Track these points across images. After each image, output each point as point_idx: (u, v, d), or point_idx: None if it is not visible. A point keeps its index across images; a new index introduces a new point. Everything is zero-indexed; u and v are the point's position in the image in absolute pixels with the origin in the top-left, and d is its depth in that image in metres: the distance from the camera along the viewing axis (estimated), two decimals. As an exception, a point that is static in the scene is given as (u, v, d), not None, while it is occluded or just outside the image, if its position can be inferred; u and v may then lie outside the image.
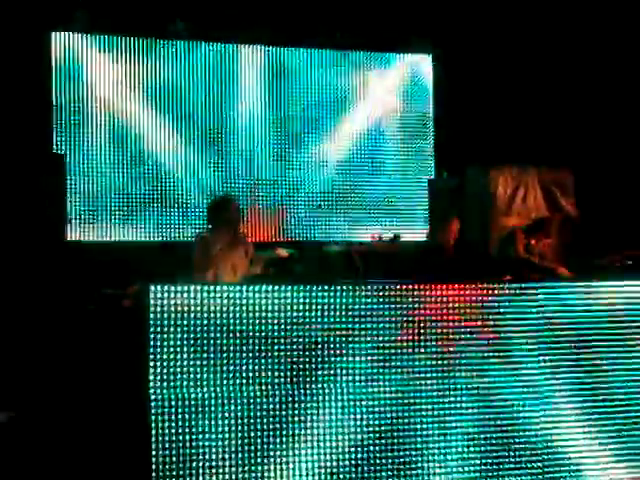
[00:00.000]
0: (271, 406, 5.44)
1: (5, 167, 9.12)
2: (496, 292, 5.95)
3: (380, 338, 5.65)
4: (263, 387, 5.42)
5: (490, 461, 5.85)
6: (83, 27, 10.27)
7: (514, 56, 10.96)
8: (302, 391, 5.51)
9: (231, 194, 9.20)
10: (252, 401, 5.42)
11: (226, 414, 5.37)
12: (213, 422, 5.35)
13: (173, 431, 5.26)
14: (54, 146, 10.20)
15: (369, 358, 5.63)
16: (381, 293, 5.68)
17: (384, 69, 11.57)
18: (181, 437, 5.26)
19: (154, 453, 5.20)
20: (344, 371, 5.58)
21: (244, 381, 5.39)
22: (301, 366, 5.51)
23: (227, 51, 10.97)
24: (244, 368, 5.38)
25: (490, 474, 5.85)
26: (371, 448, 5.62)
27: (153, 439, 5.21)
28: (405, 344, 5.71)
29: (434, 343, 5.76)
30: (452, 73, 11.40)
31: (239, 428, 5.38)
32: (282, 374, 5.45)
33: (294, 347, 5.47)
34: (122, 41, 10.51)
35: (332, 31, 11.13)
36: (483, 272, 7.76)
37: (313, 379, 5.54)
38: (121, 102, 10.52)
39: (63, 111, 10.30)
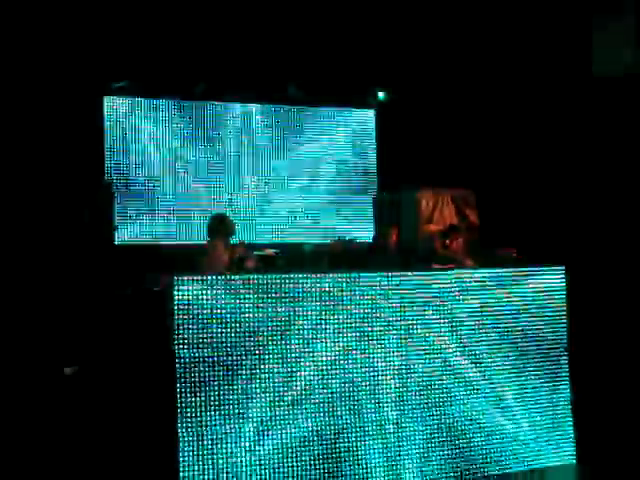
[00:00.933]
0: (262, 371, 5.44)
1: (71, 191, 9.28)
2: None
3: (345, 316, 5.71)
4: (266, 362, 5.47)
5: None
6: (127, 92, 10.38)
7: (434, 109, 10.95)
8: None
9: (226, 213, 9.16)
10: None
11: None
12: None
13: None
14: (106, 175, 10.22)
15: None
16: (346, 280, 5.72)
17: (340, 116, 11.57)
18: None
19: (179, 397, 5.19)
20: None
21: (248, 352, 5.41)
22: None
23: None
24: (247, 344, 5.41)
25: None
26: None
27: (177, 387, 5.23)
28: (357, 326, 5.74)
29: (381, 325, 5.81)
30: (389, 120, 11.44)
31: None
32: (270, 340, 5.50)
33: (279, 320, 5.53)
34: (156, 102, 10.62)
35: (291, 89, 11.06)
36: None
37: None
38: (157, 145, 10.63)
39: (114, 153, 10.34)
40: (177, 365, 5.25)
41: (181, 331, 5.27)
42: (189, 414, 5.25)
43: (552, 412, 6.38)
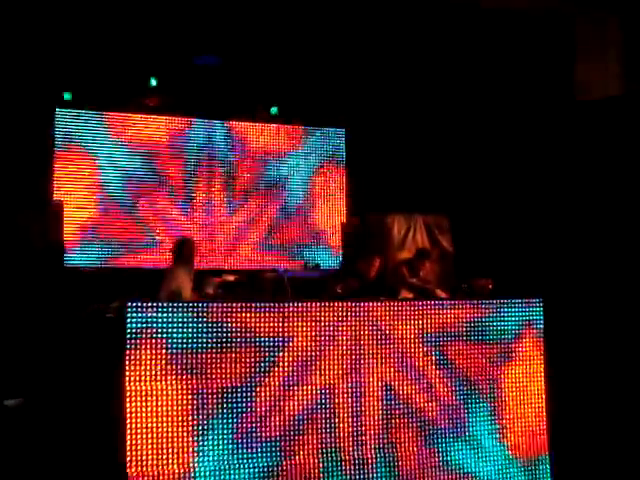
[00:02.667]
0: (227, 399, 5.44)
1: (14, 212, 9.12)
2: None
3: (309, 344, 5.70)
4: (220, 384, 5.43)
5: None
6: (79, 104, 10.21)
7: (405, 135, 10.98)
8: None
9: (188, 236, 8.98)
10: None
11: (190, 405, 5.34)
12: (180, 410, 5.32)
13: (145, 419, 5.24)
14: (54, 194, 9.99)
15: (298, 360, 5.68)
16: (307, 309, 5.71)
17: (308, 139, 11.46)
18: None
19: (128, 437, 5.17)
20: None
21: (204, 377, 5.38)
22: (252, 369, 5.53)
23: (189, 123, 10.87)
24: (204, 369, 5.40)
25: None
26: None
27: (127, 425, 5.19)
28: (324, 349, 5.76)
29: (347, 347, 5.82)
30: (358, 146, 11.44)
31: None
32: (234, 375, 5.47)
33: (242, 352, 5.50)
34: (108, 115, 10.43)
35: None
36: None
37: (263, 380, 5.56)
38: (108, 159, 10.40)
39: (62, 168, 10.10)
40: (128, 398, 5.17)
41: (133, 361, 5.16)
42: (140, 453, 5.15)
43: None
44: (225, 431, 5.41)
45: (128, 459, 5.15)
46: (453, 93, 10.73)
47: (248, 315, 5.55)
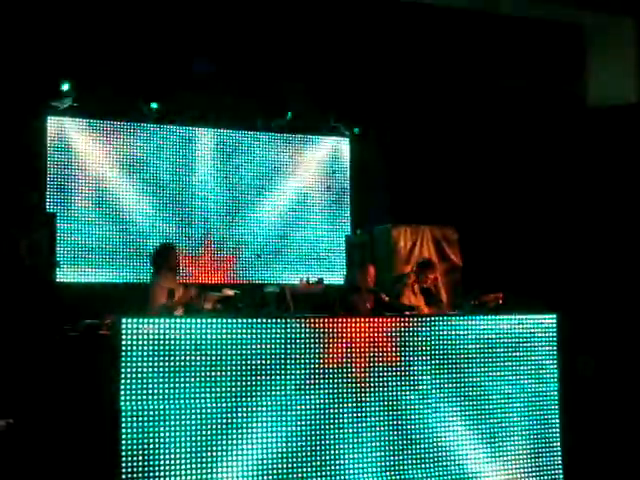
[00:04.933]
0: (219, 417, 5.43)
1: (6, 223, 9.12)
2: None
3: (307, 363, 5.71)
4: (213, 402, 5.43)
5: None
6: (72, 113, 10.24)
7: (412, 144, 10.90)
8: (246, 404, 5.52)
9: (172, 243, 8.90)
10: (204, 412, 5.42)
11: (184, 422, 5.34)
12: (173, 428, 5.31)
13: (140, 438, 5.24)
14: (47, 206, 9.99)
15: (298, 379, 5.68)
16: (310, 325, 5.73)
17: (312, 148, 11.47)
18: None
19: (123, 454, 5.19)
20: (278, 390, 5.62)
21: (198, 396, 5.38)
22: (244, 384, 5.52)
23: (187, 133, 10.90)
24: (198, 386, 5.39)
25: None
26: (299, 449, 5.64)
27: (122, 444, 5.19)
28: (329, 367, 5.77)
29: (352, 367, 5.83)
30: (364, 156, 11.47)
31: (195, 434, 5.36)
32: (229, 391, 5.48)
33: (239, 369, 5.50)
34: (102, 123, 10.42)
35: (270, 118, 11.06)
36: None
37: (254, 395, 5.56)
38: (101, 171, 10.37)
39: (55, 180, 10.10)
40: (122, 418, 5.18)
41: (127, 379, 5.16)
42: (135, 472, 5.16)
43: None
44: (224, 449, 5.38)
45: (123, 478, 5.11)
46: (462, 103, 10.70)
47: (248, 330, 5.54)
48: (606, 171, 9.93)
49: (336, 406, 5.83)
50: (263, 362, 5.61)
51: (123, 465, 5.17)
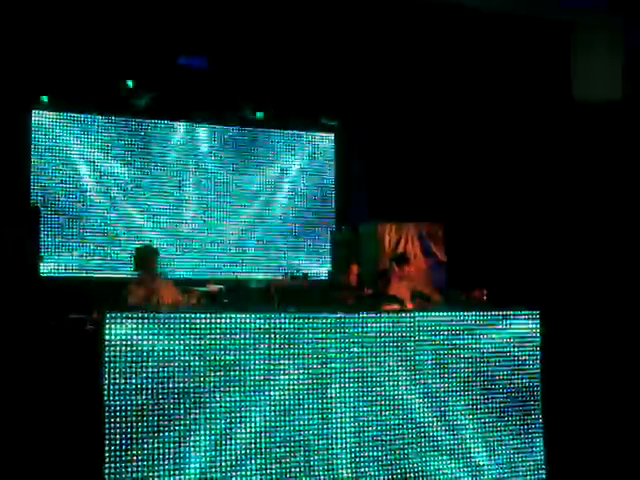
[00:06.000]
0: (202, 410, 5.40)
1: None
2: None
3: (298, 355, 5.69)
4: (196, 395, 5.41)
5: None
6: (56, 107, 10.23)
7: (398, 141, 10.95)
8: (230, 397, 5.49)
9: (151, 244, 8.73)
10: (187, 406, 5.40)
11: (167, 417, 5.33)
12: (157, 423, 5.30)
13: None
14: (31, 200, 9.99)
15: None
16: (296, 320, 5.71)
17: (297, 144, 11.50)
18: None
19: (107, 449, 5.16)
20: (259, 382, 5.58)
21: (181, 390, 5.36)
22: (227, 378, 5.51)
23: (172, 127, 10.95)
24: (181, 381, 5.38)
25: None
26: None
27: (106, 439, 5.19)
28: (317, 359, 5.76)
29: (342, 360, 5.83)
30: (349, 152, 11.54)
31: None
32: (212, 385, 5.45)
33: (222, 361, 5.49)
34: (89, 118, 10.46)
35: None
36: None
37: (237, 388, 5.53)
38: (87, 165, 10.42)
39: (39, 173, 10.13)
40: (106, 413, 5.16)
41: (111, 375, 5.19)
42: (117, 468, 5.13)
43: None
44: (210, 443, 5.41)
45: (106, 473, 5.14)
46: (448, 99, 10.72)
47: (233, 326, 5.56)
48: (592, 167, 9.97)
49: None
50: (245, 356, 5.58)
51: (107, 460, 5.14)
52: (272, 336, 5.63)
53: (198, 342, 5.44)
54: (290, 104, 10.94)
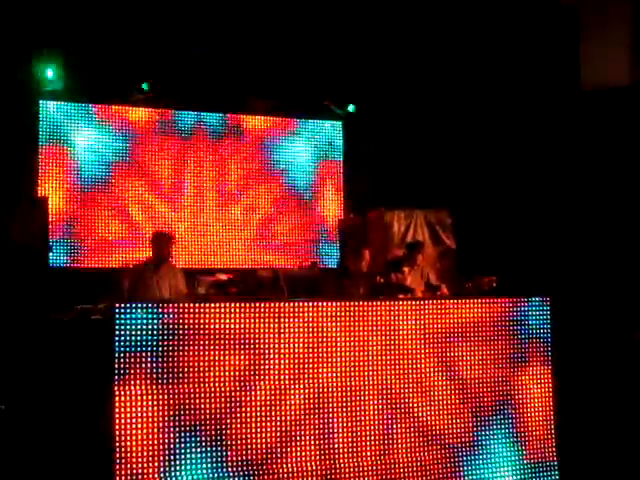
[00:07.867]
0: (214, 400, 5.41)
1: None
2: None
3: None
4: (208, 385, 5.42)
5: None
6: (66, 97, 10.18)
7: (406, 128, 10.92)
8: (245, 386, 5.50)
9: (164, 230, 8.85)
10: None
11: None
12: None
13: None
14: (39, 190, 9.98)
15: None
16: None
17: (305, 132, 11.38)
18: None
19: (117, 440, 5.15)
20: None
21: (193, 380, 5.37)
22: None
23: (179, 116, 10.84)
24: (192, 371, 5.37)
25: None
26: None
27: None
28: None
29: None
30: (357, 139, 11.44)
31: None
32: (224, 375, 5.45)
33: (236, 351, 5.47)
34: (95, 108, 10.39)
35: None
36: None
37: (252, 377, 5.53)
38: (95, 156, 10.38)
39: (48, 164, 10.07)
40: (117, 402, 5.16)
41: (122, 365, 5.16)
42: (128, 460, 5.12)
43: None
44: (218, 438, 5.39)
45: (117, 466, 5.12)
46: (455, 85, 10.69)
47: (244, 316, 5.53)
48: (600, 154, 9.93)
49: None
50: (258, 345, 5.56)
51: (117, 450, 5.14)
52: (282, 324, 5.56)
53: (210, 331, 5.39)
54: (299, 92, 10.85)
